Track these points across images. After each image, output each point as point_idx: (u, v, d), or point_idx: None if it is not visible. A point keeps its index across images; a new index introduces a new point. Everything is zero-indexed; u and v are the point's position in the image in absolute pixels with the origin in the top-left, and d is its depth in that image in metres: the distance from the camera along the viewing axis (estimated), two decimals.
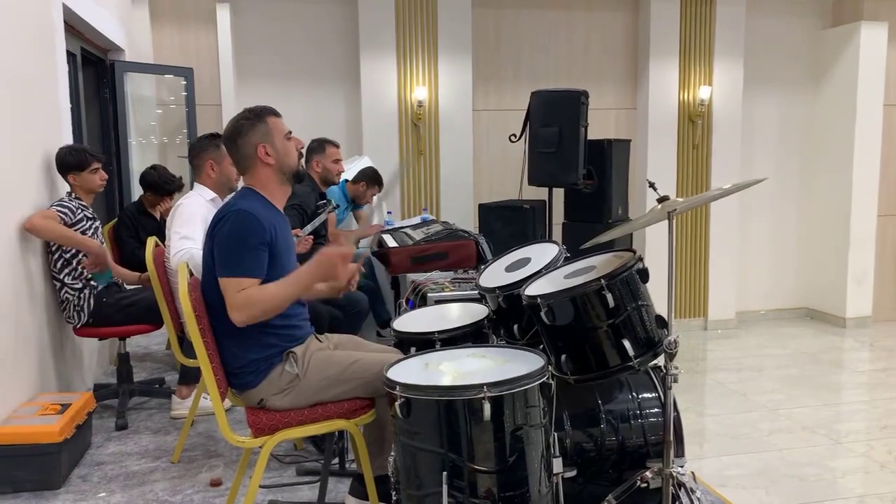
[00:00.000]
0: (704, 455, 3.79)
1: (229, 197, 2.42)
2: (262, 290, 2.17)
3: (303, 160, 2.40)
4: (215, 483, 2.85)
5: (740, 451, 3.78)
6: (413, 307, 3.21)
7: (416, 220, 5.02)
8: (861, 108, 6.35)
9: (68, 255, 3.34)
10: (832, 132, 6.60)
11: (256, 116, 2.30)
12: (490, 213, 5.18)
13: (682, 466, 2.15)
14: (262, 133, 2.29)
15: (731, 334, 6.46)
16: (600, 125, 6.14)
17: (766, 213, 6.86)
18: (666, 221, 2.15)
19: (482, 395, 1.76)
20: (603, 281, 2.07)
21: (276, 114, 2.35)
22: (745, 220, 6.73)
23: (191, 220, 3.08)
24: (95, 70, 5.00)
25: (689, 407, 4.57)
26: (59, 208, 3.28)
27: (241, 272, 2.14)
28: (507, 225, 5.06)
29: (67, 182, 3.46)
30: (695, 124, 6.32)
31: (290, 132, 2.37)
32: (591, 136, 5.10)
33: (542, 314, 2.14)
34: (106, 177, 3.56)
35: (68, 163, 3.43)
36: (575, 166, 4.80)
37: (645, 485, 2.16)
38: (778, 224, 6.91)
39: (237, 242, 2.15)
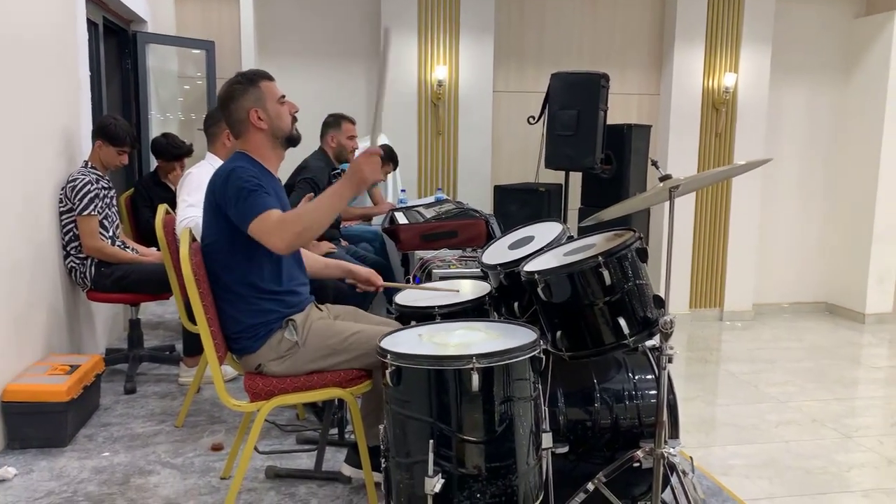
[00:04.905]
0: (710, 444, 3.75)
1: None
2: (296, 210, 2.18)
3: (297, 124, 2.39)
4: (216, 447, 2.90)
5: (746, 442, 3.74)
6: (419, 283, 3.21)
7: (430, 199, 5.02)
8: (892, 100, 6.17)
9: (78, 232, 3.41)
10: (861, 124, 6.44)
11: (249, 81, 2.31)
12: (506, 196, 5.16)
13: (674, 448, 2.14)
14: (254, 98, 2.29)
15: (747, 326, 6.38)
16: (622, 110, 6.06)
17: (790, 205, 6.74)
18: (679, 209, 2.13)
19: (471, 366, 1.76)
20: (600, 258, 2.06)
21: (268, 77, 2.34)
22: (766, 212, 6.62)
23: (199, 188, 3.09)
24: (118, 41, 5.04)
25: (699, 396, 4.53)
26: (85, 187, 3.34)
27: (259, 210, 2.12)
28: (523, 207, 5.03)
29: (93, 146, 3.51)
30: (718, 112, 6.21)
31: (284, 96, 2.35)
32: (611, 121, 5.05)
33: (540, 290, 2.13)
34: (126, 162, 3.63)
35: (108, 131, 3.49)
36: (592, 150, 4.75)
37: (637, 464, 2.15)
38: (801, 217, 6.78)
39: (241, 192, 2.15)
